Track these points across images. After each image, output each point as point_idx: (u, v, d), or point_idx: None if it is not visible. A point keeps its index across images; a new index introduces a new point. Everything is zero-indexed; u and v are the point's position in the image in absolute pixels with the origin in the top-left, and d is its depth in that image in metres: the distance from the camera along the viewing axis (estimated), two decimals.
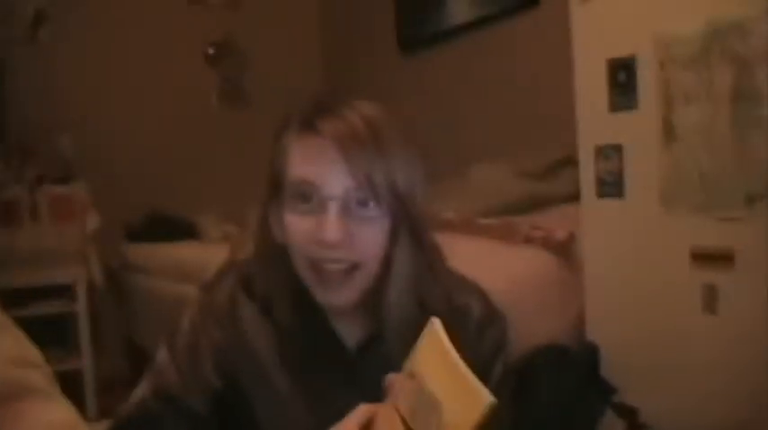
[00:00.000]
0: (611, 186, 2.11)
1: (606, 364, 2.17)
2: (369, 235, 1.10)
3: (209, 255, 3.28)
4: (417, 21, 4.48)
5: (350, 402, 0.97)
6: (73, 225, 3.71)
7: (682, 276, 1.95)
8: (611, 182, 2.11)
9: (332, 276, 1.11)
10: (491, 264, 2.20)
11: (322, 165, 1.08)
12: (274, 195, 1.15)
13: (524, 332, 2.10)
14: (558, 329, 2.28)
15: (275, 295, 1.19)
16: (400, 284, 1.13)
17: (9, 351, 1.09)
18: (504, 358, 1.28)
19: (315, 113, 1.11)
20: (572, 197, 2.60)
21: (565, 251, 2.39)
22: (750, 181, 1.78)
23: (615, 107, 2.08)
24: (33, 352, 1.13)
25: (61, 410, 1.06)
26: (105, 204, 3.86)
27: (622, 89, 2.04)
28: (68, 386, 1.15)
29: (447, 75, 4.29)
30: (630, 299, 2.10)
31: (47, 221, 3.67)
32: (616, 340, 2.16)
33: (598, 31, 2.12)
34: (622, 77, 2.04)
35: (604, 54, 2.09)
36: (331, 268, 1.11)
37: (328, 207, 1.07)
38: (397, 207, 1.10)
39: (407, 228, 1.13)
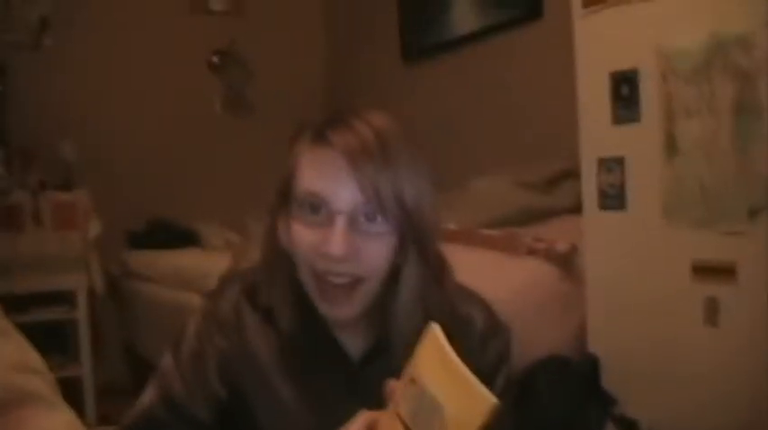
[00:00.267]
0: (613, 199, 2.12)
1: (607, 376, 2.17)
2: (374, 250, 1.10)
3: (210, 263, 3.29)
4: (421, 30, 4.49)
5: (352, 412, 0.97)
6: (75, 231, 3.71)
7: (683, 289, 1.94)
8: (613, 194, 2.11)
9: (335, 289, 1.12)
10: (493, 276, 2.20)
11: (331, 178, 1.08)
12: (284, 203, 1.16)
13: (526, 343, 2.10)
14: (560, 341, 2.28)
15: (279, 304, 1.19)
16: (407, 297, 1.14)
17: (11, 357, 1.09)
18: (507, 370, 1.28)
19: (327, 124, 1.12)
20: (573, 209, 2.60)
21: (567, 263, 2.39)
22: (752, 194, 1.78)
23: (618, 120, 2.08)
24: (35, 358, 1.13)
25: (63, 417, 1.06)
26: (107, 211, 3.86)
27: (625, 102, 2.05)
28: (68, 392, 1.15)
29: (450, 85, 4.30)
30: (632, 311, 2.10)
31: (49, 227, 3.67)
32: (617, 352, 2.15)
33: (601, 44, 2.13)
34: (625, 90, 2.04)
35: (607, 67, 2.10)
36: (335, 281, 1.11)
37: (336, 221, 1.07)
38: (404, 220, 1.10)
39: (415, 242, 1.13)
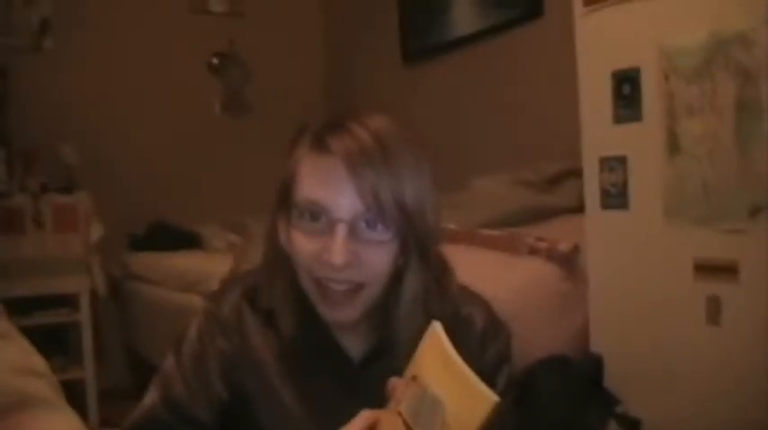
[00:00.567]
0: (615, 198, 2.11)
1: (610, 375, 2.16)
2: (375, 257, 1.10)
3: (212, 265, 3.29)
4: (421, 31, 4.48)
5: (354, 414, 0.97)
6: (76, 234, 3.71)
7: (685, 288, 1.94)
8: (615, 193, 2.11)
9: (336, 295, 1.11)
10: (494, 276, 2.20)
11: (332, 186, 1.07)
12: (283, 206, 1.15)
13: (528, 343, 2.10)
14: (562, 340, 2.28)
15: (280, 306, 1.19)
16: (408, 299, 1.14)
17: (13, 360, 1.09)
18: (507, 370, 1.28)
19: (326, 130, 1.11)
20: (575, 208, 2.60)
21: (569, 262, 2.39)
22: (754, 193, 1.78)
23: (619, 119, 2.08)
24: (39, 361, 1.13)
25: (66, 420, 1.05)
26: (108, 213, 3.87)
27: (626, 101, 2.04)
28: (70, 395, 1.14)
29: (450, 85, 4.30)
30: (634, 310, 2.10)
31: (50, 230, 3.67)
32: (620, 351, 2.15)
33: (602, 43, 2.12)
34: (626, 89, 2.04)
35: (608, 66, 2.09)
36: (335, 288, 1.11)
37: (336, 229, 1.07)
38: (405, 223, 1.09)
39: (416, 245, 1.13)
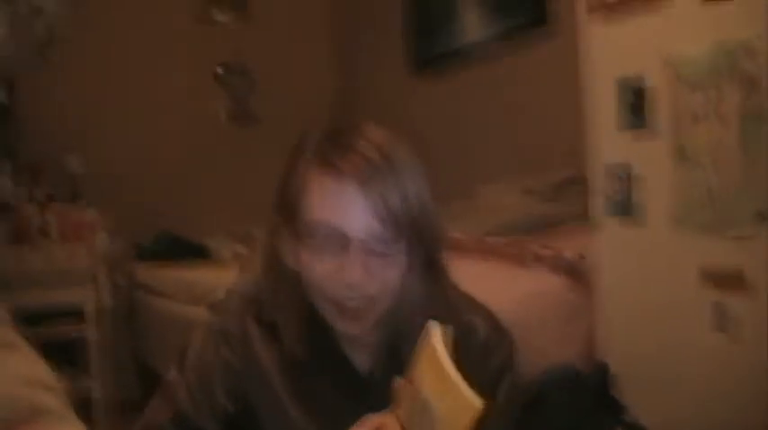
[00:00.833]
0: (620, 205, 2.11)
1: (616, 383, 2.16)
2: (387, 271, 1.10)
3: (219, 276, 3.28)
4: (427, 41, 4.49)
5: None
6: (83, 245, 3.71)
7: (692, 295, 1.94)
8: (620, 201, 2.11)
9: (350, 310, 1.11)
10: (500, 284, 2.20)
11: (344, 208, 1.07)
12: (286, 224, 1.15)
13: (533, 352, 2.09)
14: (568, 348, 2.28)
15: (285, 321, 1.19)
16: (414, 310, 1.14)
17: (21, 371, 1.09)
18: (510, 378, 1.27)
19: (331, 149, 1.10)
20: (580, 217, 2.60)
21: (574, 271, 2.39)
22: (760, 200, 1.78)
23: (625, 127, 2.08)
24: (46, 372, 1.13)
25: None
26: (116, 224, 3.87)
27: (632, 109, 2.04)
28: (78, 407, 1.14)
29: (456, 94, 4.30)
30: (640, 318, 2.10)
31: (57, 241, 3.67)
32: (626, 359, 2.15)
33: (608, 52, 2.13)
34: (632, 97, 2.04)
35: (614, 74, 2.10)
36: (350, 304, 1.11)
37: (350, 248, 1.07)
38: (413, 230, 1.10)
39: (421, 254, 1.13)
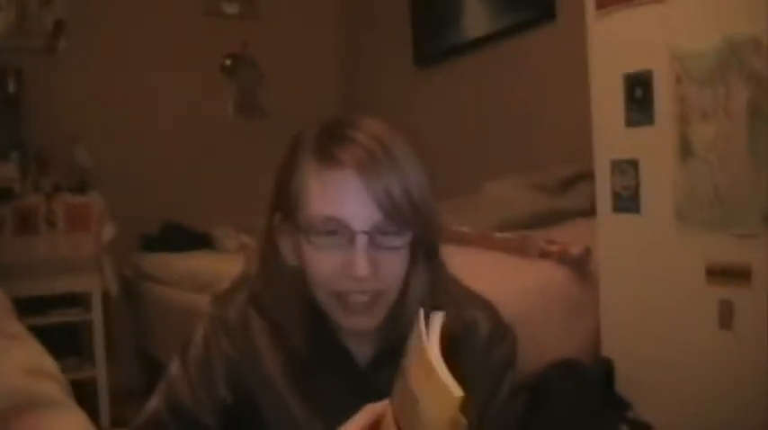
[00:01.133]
0: (627, 201, 2.11)
1: (621, 380, 2.16)
2: (394, 264, 1.10)
3: (224, 266, 3.28)
4: (433, 35, 4.48)
5: None
6: (89, 234, 3.72)
7: (697, 292, 1.94)
8: (627, 197, 2.11)
9: (357, 305, 1.11)
10: (506, 279, 2.20)
11: (347, 200, 1.06)
12: (286, 220, 1.14)
13: (539, 346, 2.09)
14: (573, 344, 2.28)
15: (287, 319, 1.19)
16: (415, 302, 1.13)
17: (24, 361, 1.09)
18: (513, 373, 1.27)
19: (331, 143, 1.09)
20: (586, 212, 2.60)
21: (580, 266, 2.38)
22: (766, 197, 1.77)
23: (631, 122, 2.07)
24: (49, 362, 1.13)
25: (75, 421, 1.06)
26: (121, 214, 3.88)
27: (639, 104, 2.04)
28: (82, 395, 1.15)
29: (462, 89, 4.29)
30: (646, 314, 2.09)
31: (63, 230, 3.68)
32: (631, 355, 2.15)
33: (614, 47, 2.12)
34: (639, 92, 2.04)
35: (621, 69, 2.09)
36: (357, 299, 1.10)
37: (356, 241, 1.06)
38: (416, 221, 1.09)
39: (424, 245, 1.13)
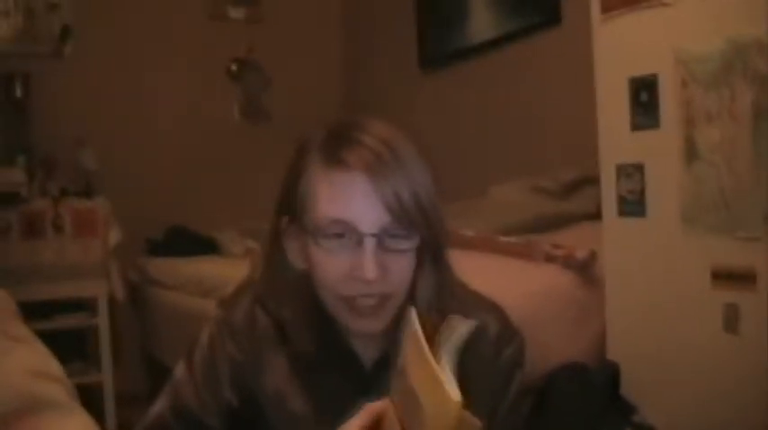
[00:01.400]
0: (632, 205, 2.11)
1: (626, 383, 2.15)
2: (401, 267, 1.10)
3: (230, 271, 3.28)
4: (438, 38, 4.48)
5: None
6: (95, 238, 3.73)
7: (703, 295, 1.93)
8: (632, 200, 2.10)
9: (365, 309, 1.11)
10: (511, 283, 2.20)
11: (355, 202, 1.07)
12: (292, 222, 1.14)
13: (544, 350, 2.09)
14: (578, 347, 2.27)
15: (291, 318, 1.19)
16: (422, 304, 1.13)
17: (29, 363, 1.09)
18: (520, 376, 1.27)
19: (338, 145, 1.09)
20: (592, 215, 2.59)
21: (585, 270, 2.38)
22: None
23: (637, 126, 2.07)
24: (54, 365, 1.14)
25: (80, 424, 1.06)
26: (127, 218, 3.88)
27: (644, 108, 2.04)
28: (88, 399, 1.15)
29: (467, 92, 4.29)
30: (651, 318, 2.09)
31: (69, 234, 3.69)
32: (636, 358, 2.14)
33: (620, 50, 2.12)
34: (644, 96, 2.03)
35: (626, 73, 2.09)
36: (364, 302, 1.10)
37: (364, 244, 1.06)
38: (424, 224, 1.09)
39: (430, 248, 1.13)
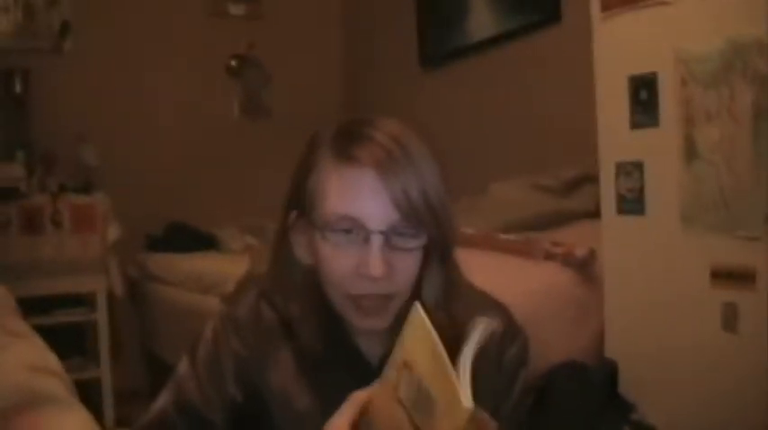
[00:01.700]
0: (631, 203, 2.11)
1: (625, 381, 2.16)
2: (408, 265, 1.10)
3: (229, 267, 3.29)
4: (439, 36, 4.48)
5: None
6: (94, 234, 3.73)
7: (702, 294, 1.93)
8: (631, 199, 2.10)
9: (370, 306, 1.11)
10: (510, 280, 2.19)
11: (364, 198, 1.07)
12: (301, 218, 1.14)
13: (543, 348, 2.09)
14: (577, 346, 2.27)
15: (299, 318, 1.19)
16: (430, 302, 1.13)
17: (27, 358, 1.09)
18: (525, 374, 1.27)
19: (349, 141, 1.09)
20: (591, 214, 2.59)
21: (585, 268, 2.38)
22: None
23: (636, 124, 2.07)
24: (52, 360, 1.13)
25: (78, 419, 1.06)
26: (126, 214, 3.89)
27: (644, 106, 2.04)
28: (87, 395, 1.15)
29: (467, 90, 4.29)
30: (650, 316, 2.09)
31: (68, 230, 3.69)
32: (635, 357, 2.14)
33: (620, 49, 2.12)
34: (644, 95, 2.04)
35: (626, 71, 2.09)
36: (369, 301, 1.10)
37: (372, 241, 1.06)
38: (433, 222, 1.09)
39: (438, 247, 1.13)
